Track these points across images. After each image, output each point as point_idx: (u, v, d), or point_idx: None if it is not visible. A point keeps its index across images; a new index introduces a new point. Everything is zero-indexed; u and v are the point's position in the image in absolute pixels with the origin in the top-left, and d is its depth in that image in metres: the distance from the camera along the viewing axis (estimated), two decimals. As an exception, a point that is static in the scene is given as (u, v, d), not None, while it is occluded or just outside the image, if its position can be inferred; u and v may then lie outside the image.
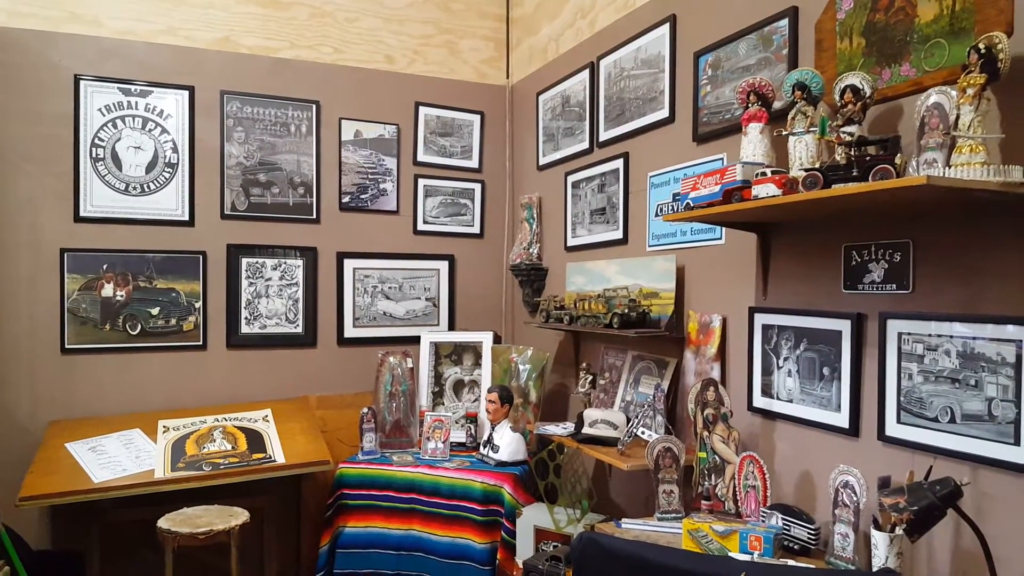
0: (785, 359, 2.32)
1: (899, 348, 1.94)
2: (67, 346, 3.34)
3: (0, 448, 3.18)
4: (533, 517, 3.00)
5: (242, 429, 3.32)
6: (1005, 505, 1.73)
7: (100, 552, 3.12)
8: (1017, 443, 1.68)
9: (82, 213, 3.38)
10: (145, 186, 3.49)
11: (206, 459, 3.07)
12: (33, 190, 3.30)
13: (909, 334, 1.92)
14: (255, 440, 3.24)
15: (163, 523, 2.71)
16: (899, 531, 1.75)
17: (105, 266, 3.41)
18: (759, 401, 2.43)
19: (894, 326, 1.96)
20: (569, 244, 3.69)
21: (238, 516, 2.82)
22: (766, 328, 2.39)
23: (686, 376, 2.77)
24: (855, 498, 1.94)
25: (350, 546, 3.23)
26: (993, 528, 1.73)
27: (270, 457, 3.13)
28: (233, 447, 3.18)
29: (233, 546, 2.73)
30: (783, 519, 2.12)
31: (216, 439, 3.22)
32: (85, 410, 3.35)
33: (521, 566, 2.90)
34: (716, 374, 2.60)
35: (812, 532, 2.06)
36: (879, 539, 1.81)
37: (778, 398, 2.35)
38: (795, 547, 2.09)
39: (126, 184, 3.46)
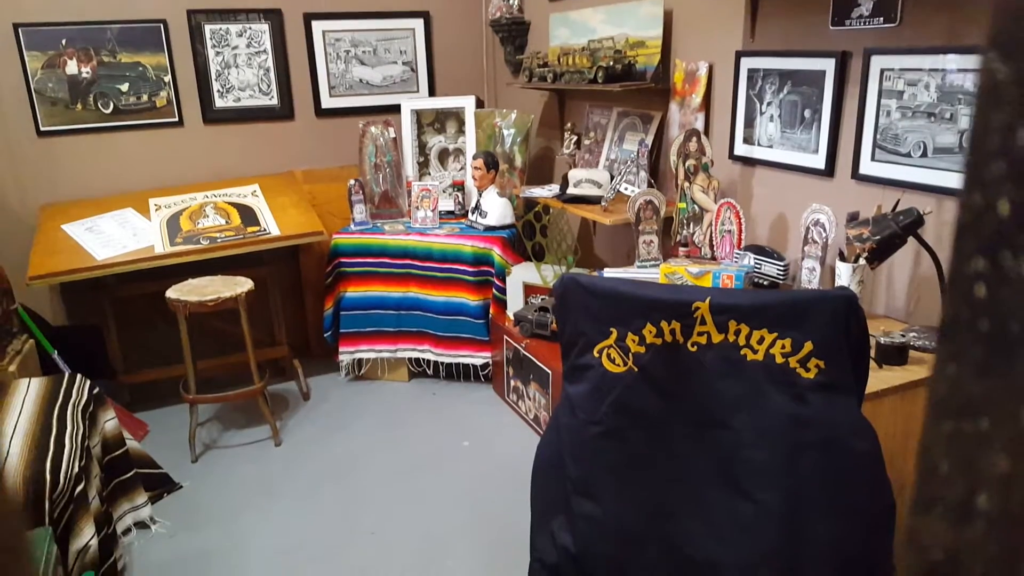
0: (768, 104, 2.30)
1: (880, 85, 1.92)
2: (42, 129, 3.27)
3: (-2, 234, 3.24)
4: (522, 275, 3.17)
5: (233, 204, 3.36)
6: (964, 232, 1.82)
7: (115, 324, 3.32)
8: (984, 172, 1.73)
9: (23, -19, 3.11)
10: (84, -54, 3.18)
11: (203, 234, 3.15)
12: (-38, -44, 3.01)
13: (891, 70, 1.89)
14: (248, 214, 3.30)
15: (171, 293, 2.84)
16: (862, 261, 1.87)
17: (64, 41, 3.22)
18: (740, 149, 2.45)
19: (878, 62, 1.92)
20: (551, -7, 3.45)
21: (243, 284, 2.95)
22: (751, 72, 2.34)
23: (670, 129, 2.76)
24: (824, 234, 2.04)
25: (353, 308, 3.44)
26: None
27: (265, 230, 3.21)
28: (227, 222, 3.25)
29: (242, 311, 2.90)
30: (755, 258, 2.25)
31: (209, 215, 3.28)
32: (72, 193, 3.36)
33: (512, 317, 3.12)
34: (700, 125, 2.59)
35: (781, 268, 2.20)
36: (843, 269, 1.94)
37: (759, 144, 2.37)
38: (765, 283, 2.24)
39: (63, -55, 3.15)
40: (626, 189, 2.85)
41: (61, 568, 1.79)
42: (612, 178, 2.89)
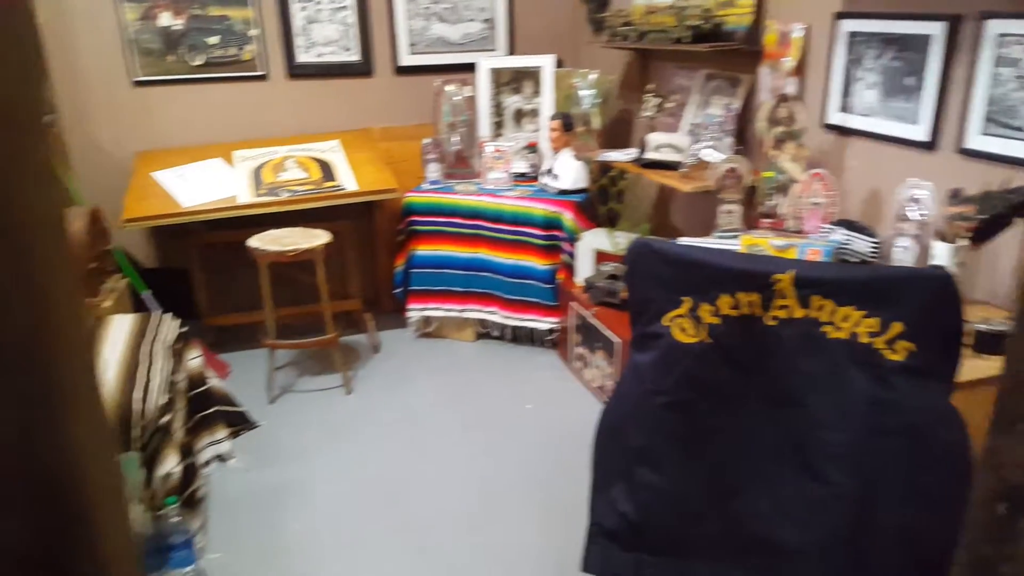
0: (867, 70, 2.17)
1: (995, 52, 1.77)
2: (137, 79, 3.39)
3: (97, 177, 3.39)
4: (593, 241, 3.12)
5: (313, 159, 3.43)
6: (1080, 214, 1.68)
7: (201, 269, 3.46)
8: (1109, 149, 1.58)
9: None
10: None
11: (283, 186, 3.22)
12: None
13: (1008, 35, 1.74)
14: (326, 169, 3.36)
15: (253, 242, 2.93)
16: (963, 241, 1.75)
17: (156, -8, 3.32)
18: (834, 117, 2.32)
19: (993, 26, 1.77)
20: (639, -49, 3.32)
21: (320, 237, 3.01)
22: (850, 36, 2.20)
23: (759, 94, 2.64)
24: (922, 212, 1.92)
25: (423, 266, 3.48)
26: (1061, 237, 1.71)
27: (341, 186, 3.26)
28: (307, 175, 3.32)
29: (319, 263, 2.97)
30: (845, 234, 2.14)
31: (289, 168, 3.35)
32: (164, 142, 3.49)
33: (580, 283, 3.08)
34: (792, 90, 2.46)
35: (873, 245, 2.08)
36: (940, 250, 1.82)
37: (855, 113, 2.24)
38: (854, 260, 2.13)
39: None
40: (708, 155, 2.75)
41: (147, 491, 1.91)
42: (694, 143, 2.80)
